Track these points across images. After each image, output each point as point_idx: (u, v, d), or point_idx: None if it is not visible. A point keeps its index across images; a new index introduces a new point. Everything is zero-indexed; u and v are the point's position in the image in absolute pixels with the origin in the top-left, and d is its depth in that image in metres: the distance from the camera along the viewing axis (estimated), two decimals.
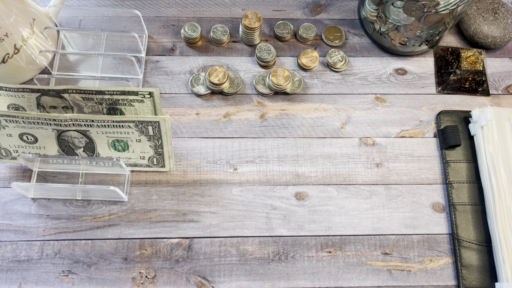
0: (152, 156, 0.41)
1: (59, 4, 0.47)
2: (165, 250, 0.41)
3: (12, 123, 0.36)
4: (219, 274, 0.41)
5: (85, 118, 0.36)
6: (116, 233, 0.42)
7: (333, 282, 0.41)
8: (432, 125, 0.48)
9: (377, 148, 0.46)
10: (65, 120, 0.35)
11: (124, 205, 0.43)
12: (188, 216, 0.43)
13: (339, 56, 0.49)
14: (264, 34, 0.52)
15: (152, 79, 0.48)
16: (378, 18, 0.47)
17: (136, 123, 0.37)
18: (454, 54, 0.50)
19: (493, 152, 0.43)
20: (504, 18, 0.50)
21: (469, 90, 0.49)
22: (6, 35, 0.41)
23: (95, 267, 0.40)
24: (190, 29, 0.49)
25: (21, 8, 0.42)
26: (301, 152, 0.46)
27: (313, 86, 0.49)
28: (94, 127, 0.37)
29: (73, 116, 0.35)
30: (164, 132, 0.38)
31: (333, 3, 0.54)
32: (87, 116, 0.36)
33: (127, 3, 0.53)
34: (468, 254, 0.42)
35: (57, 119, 0.35)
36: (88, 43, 0.50)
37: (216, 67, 0.46)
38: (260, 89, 0.48)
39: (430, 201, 0.44)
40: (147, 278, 0.40)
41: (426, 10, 0.42)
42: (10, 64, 0.43)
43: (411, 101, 0.49)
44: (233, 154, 0.45)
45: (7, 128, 0.37)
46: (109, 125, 0.37)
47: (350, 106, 0.48)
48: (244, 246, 0.42)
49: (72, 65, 0.49)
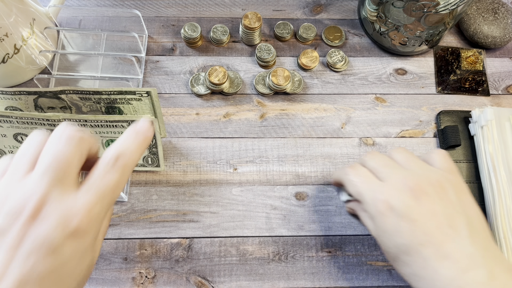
0: (147, 156, 0.41)
1: (59, 4, 0.47)
2: (165, 250, 0.41)
3: (6, 123, 0.36)
4: (219, 274, 0.41)
5: (78, 118, 0.36)
6: (116, 233, 0.42)
7: (333, 282, 0.41)
8: (432, 125, 0.48)
9: (377, 148, 0.46)
10: (58, 120, 0.35)
11: (124, 205, 0.43)
12: (188, 216, 0.43)
13: (339, 56, 0.49)
14: (264, 34, 0.52)
15: (152, 79, 0.48)
16: (378, 18, 0.47)
17: (129, 122, 0.37)
18: (454, 54, 0.50)
19: (493, 152, 0.43)
20: (504, 18, 0.50)
21: (469, 90, 0.49)
22: (6, 35, 0.41)
23: (95, 267, 0.40)
24: (190, 29, 0.49)
25: (21, 8, 0.42)
26: (301, 152, 0.46)
27: (313, 86, 0.49)
28: (87, 127, 0.37)
29: (66, 116, 0.35)
30: (157, 131, 0.38)
31: (333, 3, 0.54)
32: (81, 116, 0.36)
33: (127, 3, 0.53)
34: None
35: (51, 119, 0.35)
36: (88, 43, 0.50)
37: (216, 67, 0.46)
38: (260, 89, 0.48)
39: None
40: (147, 278, 0.40)
41: (426, 10, 0.42)
42: (10, 64, 0.43)
43: (411, 101, 0.49)
44: (233, 154, 0.45)
45: (1, 128, 0.37)
46: (103, 125, 0.37)
47: (350, 106, 0.48)
48: (244, 246, 0.42)
49: (72, 65, 0.49)
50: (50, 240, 0.23)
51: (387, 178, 0.32)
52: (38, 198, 0.24)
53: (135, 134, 0.28)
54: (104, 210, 0.26)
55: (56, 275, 0.24)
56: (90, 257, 0.26)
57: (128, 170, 0.27)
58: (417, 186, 0.31)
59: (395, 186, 0.31)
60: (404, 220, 0.30)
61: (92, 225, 0.25)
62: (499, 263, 0.29)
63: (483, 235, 0.30)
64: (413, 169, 0.33)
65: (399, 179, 0.31)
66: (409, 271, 0.30)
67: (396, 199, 0.30)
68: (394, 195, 0.31)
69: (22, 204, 0.23)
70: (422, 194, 0.30)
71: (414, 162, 0.34)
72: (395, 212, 0.30)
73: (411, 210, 0.30)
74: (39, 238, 0.23)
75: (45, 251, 0.23)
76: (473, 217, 0.31)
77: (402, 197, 0.30)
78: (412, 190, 0.30)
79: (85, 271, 0.26)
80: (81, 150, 0.26)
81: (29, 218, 0.23)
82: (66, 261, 0.24)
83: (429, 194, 0.30)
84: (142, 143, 0.28)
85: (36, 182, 0.24)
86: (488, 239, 0.31)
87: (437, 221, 0.30)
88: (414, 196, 0.30)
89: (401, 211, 0.30)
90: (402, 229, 0.30)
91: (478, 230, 0.30)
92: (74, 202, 0.24)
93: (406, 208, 0.30)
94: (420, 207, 0.30)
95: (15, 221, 0.23)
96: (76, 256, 0.25)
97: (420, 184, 0.31)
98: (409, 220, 0.30)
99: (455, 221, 0.30)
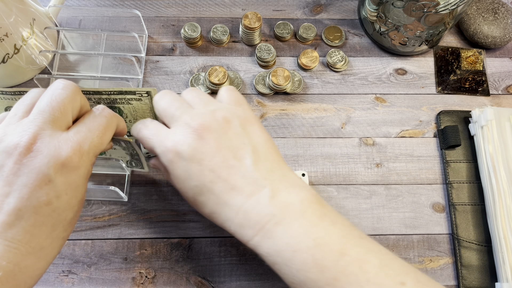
0: (130, 160, 0.41)
1: (59, 4, 0.47)
2: (165, 250, 0.41)
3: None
4: (219, 274, 0.41)
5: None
6: (116, 233, 0.42)
7: None
8: (432, 125, 0.48)
9: (377, 148, 0.46)
10: None
11: (124, 205, 0.43)
12: (188, 216, 0.43)
13: (339, 56, 0.49)
14: (264, 34, 0.52)
15: (152, 79, 0.48)
16: (378, 18, 0.47)
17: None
18: (454, 54, 0.50)
19: (493, 152, 0.43)
20: (504, 18, 0.50)
21: (469, 90, 0.49)
22: (6, 35, 0.41)
23: (95, 267, 0.40)
24: (190, 29, 0.49)
25: (21, 8, 0.42)
26: (301, 152, 0.46)
27: (313, 86, 0.49)
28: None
29: None
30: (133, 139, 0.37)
31: (333, 3, 0.54)
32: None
33: (127, 3, 0.53)
34: (468, 254, 0.42)
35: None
36: (88, 43, 0.50)
37: (216, 67, 0.46)
38: (260, 89, 0.48)
39: (430, 201, 0.44)
40: (147, 278, 0.40)
41: (426, 10, 0.42)
42: (10, 64, 0.43)
43: (411, 101, 0.49)
44: None
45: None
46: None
47: (350, 106, 0.48)
48: (244, 246, 0.42)
49: (72, 65, 0.49)
50: (43, 171, 0.25)
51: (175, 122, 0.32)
52: (31, 135, 0.26)
53: None
54: (93, 150, 0.28)
55: (52, 207, 0.26)
56: (82, 195, 0.28)
57: (114, 120, 0.31)
58: (200, 125, 0.30)
59: (180, 131, 0.31)
60: (192, 162, 0.30)
61: (83, 161, 0.27)
62: (284, 181, 0.30)
63: (269, 158, 0.31)
64: (200, 108, 0.33)
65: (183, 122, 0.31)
66: (208, 211, 0.31)
67: (182, 144, 0.30)
68: (180, 141, 0.30)
69: (17, 141, 0.25)
70: (206, 132, 0.30)
71: (202, 100, 0.33)
72: (182, 157, 0.30)
73: (196, 151, 0.30)
74: (33, 170, 0.25)
75: (39, 182, 0.25)
76: (259, 144, 0.31)
77: (187, 139, 0.30)
78: (196, 131, 0.30)
79: (77, 207, 0.28)
80: (75, 97, 0.29)
81: (23, 153, 0.25)
82: (60, 193, 0.26)
83: (213, 130, 0.30)
84: None
85: (31, 121, 0.26)
86: (274, 162, 0.31)
87: (222, 155, 0.30)
88: (198, 136, 0.30)
89: (187, 155, 0.30)
90: (192, 171, 0.30)
91: (264, 155, 0.31)
92: (65, 137, 0.27)
93: (192, 150, 0.30)
94: (205, 146, 0.30)
95: (10, 156, 0.25)
96: (69, 190, 0.27)
97: (203, 123, 0.31)
98: (196, 161, 0.30)
99: (239, 152, 0.30)
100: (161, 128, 0.33)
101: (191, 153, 0.30)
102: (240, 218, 0.29)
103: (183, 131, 0.31)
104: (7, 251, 0.24)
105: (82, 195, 0.28)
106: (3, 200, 0.24)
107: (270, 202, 0.29)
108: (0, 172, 0.25)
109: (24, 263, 0.25)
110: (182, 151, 0.30)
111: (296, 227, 0.28)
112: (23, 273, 0.25)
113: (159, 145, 0.32)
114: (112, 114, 0.31)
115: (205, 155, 0.30)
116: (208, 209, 0.31)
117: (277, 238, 0.28)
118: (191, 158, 0.30)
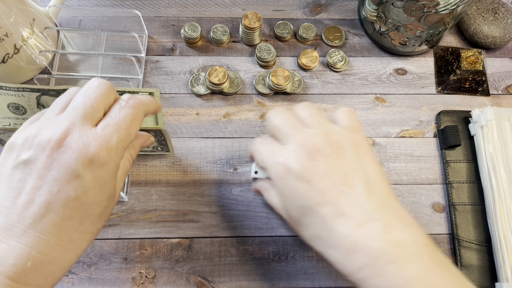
0: (157, 146, 0.42)
1: (59, 4, 0.47)
2: (165, 250, 0.41)
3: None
4: (219, 274, 0.41)
5: None
6: (116, 233, 0.42)
7: (333, 282, 0.41)
8: (432, 125, 0.48)
9: (377, 148, 0.46)
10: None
11: (124, 205, 0.43)
12: (188, 216, 0.43)
13: (339, 56, 0.49)
14: (264, 34, 0.52)
15: (152, 79, 0.48)
16: (378, 18, 0.47)
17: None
18: (454, 54, 0.50)
19: (493, 152, 0.43)
20: (504, 18, 0.50)
21: (469, 90, 0.49)
22: (6, 35, 0.41)
23: (95, 267, 0.40)
24: (190, 29, 0.49)
25: (21, 8, 0.42)
26: None
27: (313, 86, 0.49)
28: None
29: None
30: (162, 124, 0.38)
31: (333, 3, 0.54)
32: None
33: (127, 3, 0.53)
34: (468, 254, 0.42)
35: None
36: (88, 43, 0.50)
37: (216, 67, 0.46)
38: (260, 89, 0.48)
39: (430, 201, 0.44)
40: (147, 278, 0.40)
41: (426, 10, 0.42)
42: (10, 64, 0.43)
43: (411, 101, 0.49)
44: (233, 154, 0.45)
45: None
46: None
47: (350, 106, 0.48)
48: (244, 246, 0.42)
49: (72, 65, 0.49)
50: (71, 167, 0.26)
51: (288, 140, 0.32)
52: (63, 130, 0.26)
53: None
54: (121, 144, 0.28)
55: (80, 201, 0.26)
56: (111, 191, 0.29)
57: (140, 108, 0.30)
58: (313, 147, 0.30)
59: (293, 149, 0.31)
60: (301, 181, 0.30)
61: (110, 157, 0.27)
62: (396, 217, 0.29)
63: (381, 190, 0.30)
64: (315, 128, 0.32)
65: (297, 141, 0.31)
66: (310, 233, 0.30)
67: (293, 161, 0.30)
68: (292, 158, 0.30)
69: (50, 136, 0.26)
70: (318, 155, 0.30)
71: (317, 120, 0.33)
72: (292, 174, 0.30)
73: (306, 171, 0.30)
74: (63, 165, 0.26)
75: (68, 177, 0.26)
76: (371, 174, 0.31)
77: (299, 158, 0.30)
78: (308, 152, 0.30)
79: (105, 203, 0.28)
80: (108, 94, 0.29)
81: (54, 147, 0.26)
82: (87, 189, 0.26)
83: (326, 154, 0.30)
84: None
85: (64, 117, 0.27)
86: (386, 194, 0.30)
87: (332, 180, 0.29)
88: (310, 157, 0.30)
89: (297, 172, 0.30)
90: (299, 190, 0.30)
91: (376, 186, 0.30)
92: (93, 133, 0.27)
93: (302, 169, 0.30)
94: (316, 167, 0.30)
95: (43, 151, 0.26)
96: (97, 186, 0.27)
97: (316, 145, 0.31)
98: (305, 180, 0.30)
99: (350, 179, 0.30)
100: (275, 143, 0.33)
101: (301, 171, 0.30)
102: (345, 248, 0.28)
103: (295, 149, 0.31)
104: (37, 241, 0.25)
105: (111, 191, 0.29)
106: (35, 192, 0.25)
107: (382, 237, 0.27)
108: (34, 165, 0.26)
109: (53, 254, 0.25)
110: (293, 168, 0.30)
111: (410, 269, 0.27)
112: (51, 264, 0.25)
113: (271, 159, 0.32)
114: (138, 103, 0.30)
115: (314, 176, 0.30)
116: (311, 232, 0.30)
117: (387, 278, 0.27)
118: (300, 177, 0.30)
